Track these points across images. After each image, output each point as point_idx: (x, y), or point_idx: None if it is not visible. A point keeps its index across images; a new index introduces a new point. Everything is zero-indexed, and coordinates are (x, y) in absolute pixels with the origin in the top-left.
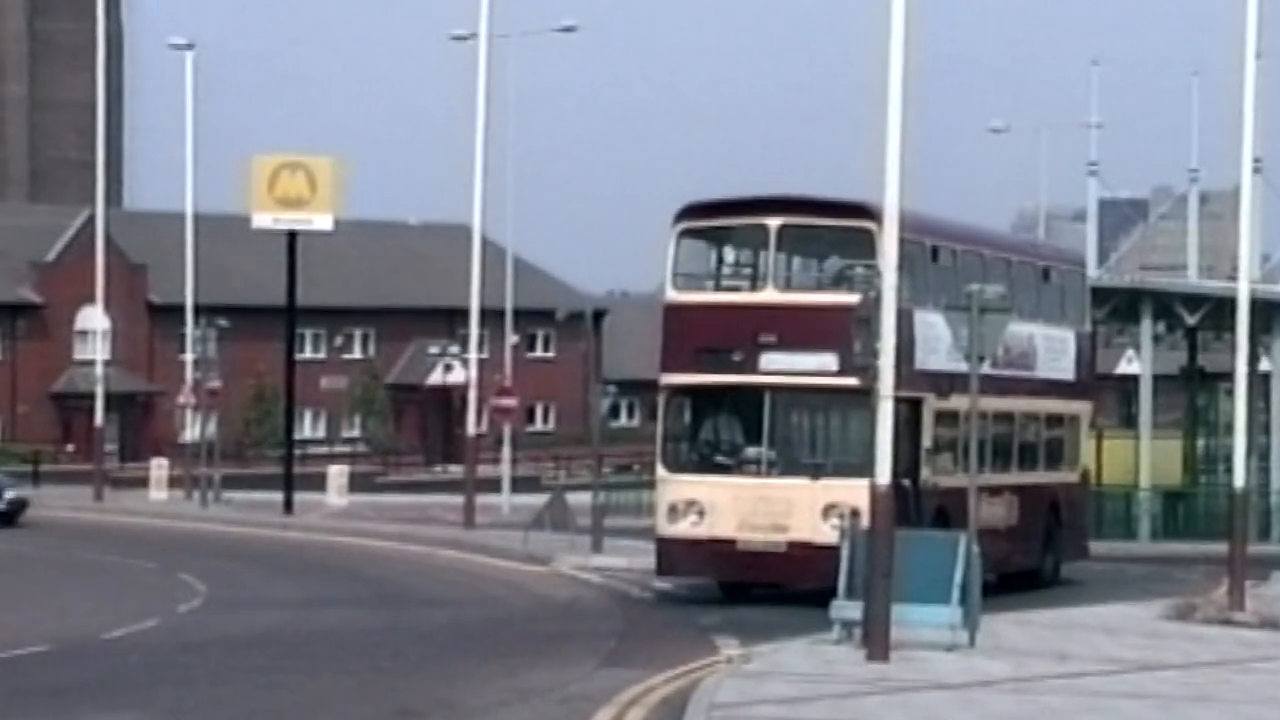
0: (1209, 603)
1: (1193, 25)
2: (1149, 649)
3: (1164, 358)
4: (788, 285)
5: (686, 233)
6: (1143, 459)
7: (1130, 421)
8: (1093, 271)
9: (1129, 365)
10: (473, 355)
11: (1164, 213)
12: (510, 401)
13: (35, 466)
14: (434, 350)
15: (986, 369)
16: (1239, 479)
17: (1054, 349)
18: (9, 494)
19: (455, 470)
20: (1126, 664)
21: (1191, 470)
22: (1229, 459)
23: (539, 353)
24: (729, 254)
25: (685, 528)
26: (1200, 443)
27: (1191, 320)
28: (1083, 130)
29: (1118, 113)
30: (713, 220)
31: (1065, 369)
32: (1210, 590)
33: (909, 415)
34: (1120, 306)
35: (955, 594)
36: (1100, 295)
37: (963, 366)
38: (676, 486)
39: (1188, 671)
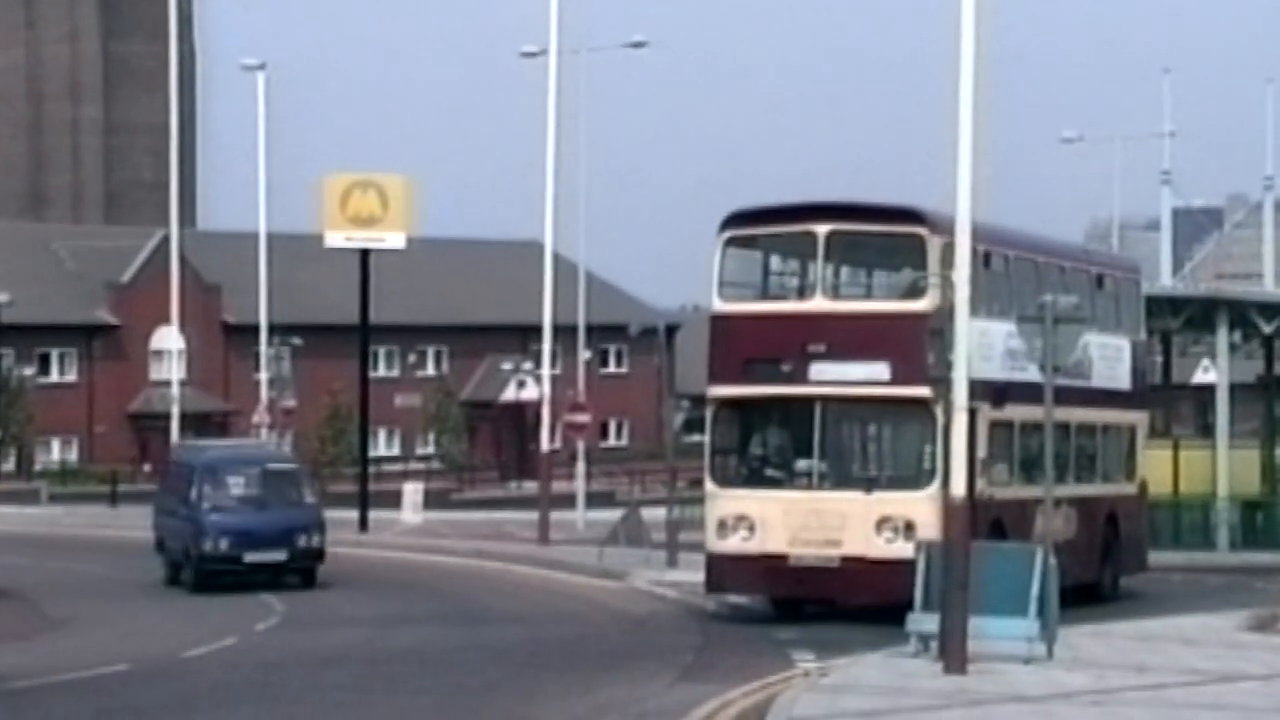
0: None
1: (1266, 32)
2: (1229, 660)
3: (1240, 366)
4: (836, 293)
5: (732, 241)
6: (1220, 469)
7: (1207, 431)
8: (1167, 280)
9: (1205, 375)
10: (546, 371)
11: (1239, 221)
12: (584, 417)
13: (113, 486)
14: (507, 366)
15: (1039, 378)
16: None
17: (1109, 358)
18: None
19: (530, 486)
20: (1207, 675)
21: (1270, 479)
22: None
23: (612, 368)
24: (776, 262)
25: (735, 543)
26: (1278, 452)
27: (1268, 329)
28: (1156, 139)
29: (1191, 121)
30: (759, 228)
31: (1120, 378)
32: None
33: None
34: (1195, 316)
35: (1033, 606)
36: (1175, 304)
37: (1016, 375)
38: (726, 501)
39: (1269, 683)
